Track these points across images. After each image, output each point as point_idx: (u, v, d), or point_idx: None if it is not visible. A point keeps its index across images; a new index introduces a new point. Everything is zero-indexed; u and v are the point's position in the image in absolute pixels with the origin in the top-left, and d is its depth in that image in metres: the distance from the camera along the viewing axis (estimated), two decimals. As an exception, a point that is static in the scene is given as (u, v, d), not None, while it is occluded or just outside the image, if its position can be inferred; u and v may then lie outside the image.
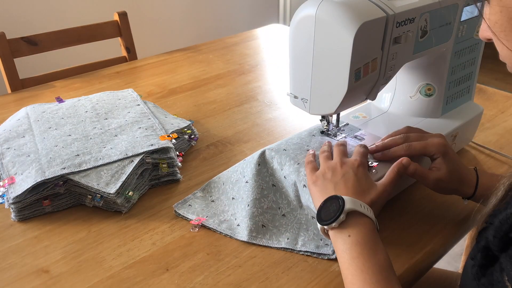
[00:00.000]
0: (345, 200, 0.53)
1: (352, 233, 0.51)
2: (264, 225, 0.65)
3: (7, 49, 1.19)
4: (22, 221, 0.69)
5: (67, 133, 0.80)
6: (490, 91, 1.08)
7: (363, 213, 0.53)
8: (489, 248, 0.41)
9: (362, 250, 0.50)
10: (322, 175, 0.60)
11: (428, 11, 0.64)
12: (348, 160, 0.61)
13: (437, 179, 0.62)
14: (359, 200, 0.54)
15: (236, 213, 0.67)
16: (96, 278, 0.58)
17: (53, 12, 2.01)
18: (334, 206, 0.53)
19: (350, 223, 0.52)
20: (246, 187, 0.68)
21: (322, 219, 0.54)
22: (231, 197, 0.70)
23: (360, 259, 0.49)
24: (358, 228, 0.52)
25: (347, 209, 0.52)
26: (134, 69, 1.27)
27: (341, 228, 0.52)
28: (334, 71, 0.60)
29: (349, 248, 0.51)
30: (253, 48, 1.43)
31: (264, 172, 0.69)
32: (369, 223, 0.53)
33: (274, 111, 1.01)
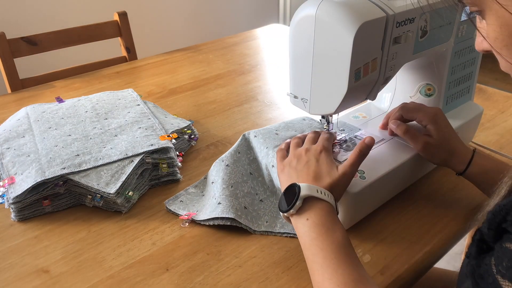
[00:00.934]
0: (301, 187, 0.55)
1: (310, 216, 0.54)
2: (245, 207, 0.67)
3: (7, 49, 1.19)
4: (22, 221, 0.69)
5: (67, 133, 0.80)
6: (490, 91, 1.08)
7: (320, 197, 0.55)
8: (484, 240, 0.42)
9: (320, 230, 0.52)
10: (289, 164, 0.62)
11: (428, 11, 0.64)
12: (312, 147, 0.63)
13: (426, 142, 0.66)
14: (316, 185, 0.56)
15: (216, 194, 0.69)
16: (96, 278, 0.58)
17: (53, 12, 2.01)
18: (291, 194, 0.56)
19: (307, 208, 0.55)
20: (227, 169, 0.71)
21: (281, 209, 0.57)
22: (211, 182, 0.72)
23: (319, 239, 0.52)
24: (315, 211, 0.54)
25: (303, 195, 0.54)
26: (134, 69, 1.27)
27: (300, 213, 0.55)
28: (334, 71, 0.60)
29: (308, 230, 0.53)
30: (253, 48, 1.43)
31: (243, 160, 0.73)
32: (326, 206, 0.55)
33: (274, 111, 1.01)
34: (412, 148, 0.71)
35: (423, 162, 0.74)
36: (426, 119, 0.67)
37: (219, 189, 0.69)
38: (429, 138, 0.67)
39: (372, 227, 0.66)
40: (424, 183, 0.75)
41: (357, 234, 0.65)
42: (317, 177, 0.58)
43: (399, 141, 0.73)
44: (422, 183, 0.75)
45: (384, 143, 0.73)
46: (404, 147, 0.72)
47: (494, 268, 0.38)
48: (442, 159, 0.68)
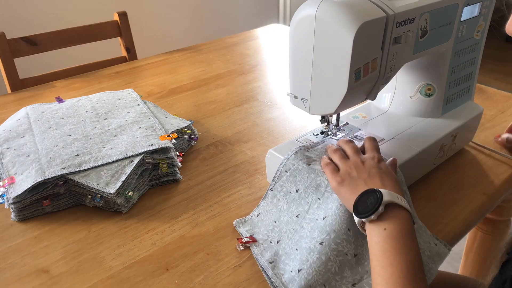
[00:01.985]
0: (383, 193, 0.52)
1: (388, 226, 0.51)
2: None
3: (7, 49, 1.19)
4: (22, 221, 0.69)
5: (67, 133, 0.80)
6: (490, 91, 1.08)
7: (401, 204, 0.52)
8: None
9: (395, 244, 0.50)
10: (348, 175, 0.58)
11: (428, 11, 0.64)
12: (366, 157, 0.61)
13: None
14: (394, 192, 0.54)
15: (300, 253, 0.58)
16: (96, 278, 0.58)
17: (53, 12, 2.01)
18: (371, 199, 0.53)
19: (387, 216, 0.52)
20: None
21: (359, 212, 0.53)
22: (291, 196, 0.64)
23: (392, 252, 0.49)
24: (394, 221, 0.51)
25: (386, 201, 0.51)
26: (134, 69, 1.27)
27: (378, 221, 0.52)
28: (334, 71, 0.60)
29: (383, 241, 0.50)
30: (253, 48, 1.43)
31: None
32: (405, 216, 0.52)
33: (274, 111, 1.01)
34: (412, 148, 0.71)
35: (423, 162, 0.74)
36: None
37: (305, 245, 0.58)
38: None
39: (372, 227, 0.66)
40: (424, 183, 0.75)
41: (357, 234, 0.65)
42: (389, 184, 0.55)
43: (399, 141, 0.73)
44: (422, 183, 0.75)
45: (384, 143, 0.73)
46: (404, 147, 0.72)
47: None
48: None
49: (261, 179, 0.77)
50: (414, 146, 0.72)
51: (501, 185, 0.75)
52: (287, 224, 0.63)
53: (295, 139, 0.74)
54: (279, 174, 0.66)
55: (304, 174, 0.64)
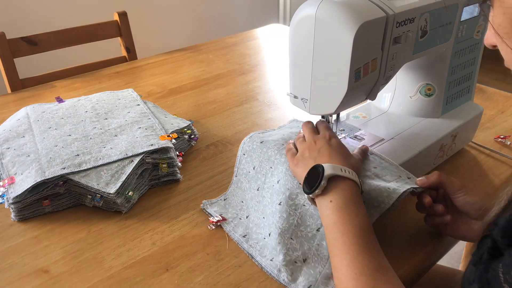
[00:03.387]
0: (324, 167, 0.54)
1: (334, 198, 0.53)
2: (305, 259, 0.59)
3: (7, 49, 1.19)
4: (22, 221, 0.69)
5: (67, 133, 0.80)
6: (490, 91, 1.08)
7: (345, 176, 0.54)
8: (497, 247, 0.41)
9: (343, 214, 0.52)
10: (302, 155, 0.61)
11: (428, 11, 0.64)
12: (319, 136, 0.63)
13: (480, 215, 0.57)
14: (339, 165, 0.56)
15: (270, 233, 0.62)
16: (96, 278, 0.58)
17: (53, 12, 2.01)
18: (315, 174, 0.55)
19: (332, 188, 0.54)
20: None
21: (306, 189, 0.56)
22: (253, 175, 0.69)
23: (341, 222, 0.51)
24: (339, 192, 0.53)
25: (328, 175, 0.53)
26: (134, 69, 1.27)
27: (324, 195, 0.54)
28: (334, 71, 0.60)
29: (331, 213, 0.53)
30: (253, 48, 1.43)
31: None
32: (350, 186, 0.54)
33: (274, 111, 1.01)
34: (412, 148, 0.71)
35: (423, 162, 0.74)
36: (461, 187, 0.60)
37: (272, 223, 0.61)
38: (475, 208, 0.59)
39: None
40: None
41: (357, 234, 0.65)
42: (337, 158, 0.57)
43: (399, 141, 0.73)
44: (422, 183, 0.75)
45: (384, 143, 0.73)
46: (404, 147, 0.72)
47: (502, 276, 0.38)
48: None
49: (261, 179, 0.77)
50: (414, 146, 0.72)
51: (501, 185, 0.75)
52: (251, 199, 0.68)
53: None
54: (239, 158, 0.72)
55: (257, 151, 0.69)
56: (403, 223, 0.67)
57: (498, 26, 0.43)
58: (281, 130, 0.75)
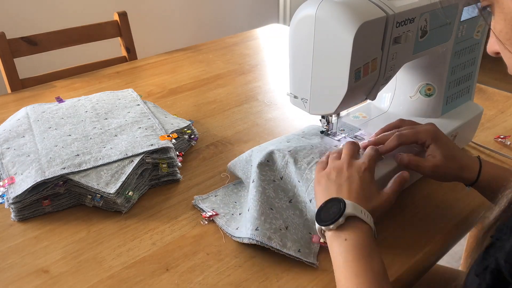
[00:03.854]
0: (346, 204, 0.52)
1: (349, 237, 0.51)
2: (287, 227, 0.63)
3: (7, 49, 1.19)
4: (22, 221, 0.69)
5: (67, 133, 0.80)
6: (490, 91, 1.08)
7: (363, 219, 0.52)
8: (500, 271, 0.40)
9: (358, 254, 0.50)
10: (327, 175, 0.59)
11: (428, 11, 0.64)
12: (355, 163, 0.59)
13: (433, 166, 0.62)
14: (360, 206, 0.53)
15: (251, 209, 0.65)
16: (96, 278, 0.58)
17: (53, 12, 2.01)
18: (334, 208, 0.53)
19: (348, 227, 0.52)
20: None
21: (321, 220, 0.54)
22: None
23: (355, 263, 0.49)
24: (355, 233, 0.51)
25: (347, 213, 0.51)
26: (134, 69, 1.27)
27: (339, 231, 0.52)
28: (334, 71, 0.60)
29: (345, 251, 0.50)
30: (253, 48, 1.43)
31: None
32: (367, 229, 0.52)
33: (274, 111, 1.01)
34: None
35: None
36: (428, 138, 0.63)
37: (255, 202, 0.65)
38: (433, 160, 0.62)
39: (372, 227, 0.66)
40: (424, 183, 0.75)
41: (357, 234, 0.65)
42: (360, 197, 0.55)
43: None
44: (422, 183, 0.75)
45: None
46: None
47: None
48: (453, 176, 0.63)
49: (261, 179, 0.77)
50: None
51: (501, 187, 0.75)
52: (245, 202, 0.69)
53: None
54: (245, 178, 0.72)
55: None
56: (403, 223, 0.67)
57: (500, 32, 0.43)
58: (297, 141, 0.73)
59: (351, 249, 0.50)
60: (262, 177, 0.67)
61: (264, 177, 0.67)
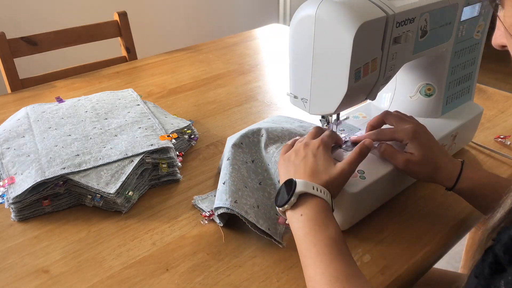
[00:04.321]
0: (297, 183, 0.55)
1: (304, 212, 0.54)
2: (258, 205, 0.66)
3: (7, 49, 1.19)
4: (22, 221, 0.69)
5: (67, 133, 0.80)
6: (490, 91, 1.08)
7: (315, 194, 0.55)
8: (499, 262, 0.40)
9: (314, 225, 0.53)
10: (288, 158, 0.62)
11: (428, 11, 0.64)
12: (311, 142, 0.63)
13: (407, 160, 0.63)
14: (313, 181, 0.56)
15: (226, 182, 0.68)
16: (96, 278, 0.58)
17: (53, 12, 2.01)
18: (288, 189, 0.56)
19: (302, 203, 0.55)
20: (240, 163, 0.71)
21: (277, 203, 0.57)
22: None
23: (312, 234, 0.52)
24: (309, 207, 0.54)
25: (298, 192, 0.55)
26: (134, 69, 1.27)
27: (294, 208, 0.55)
28: (334, 71, 0.60)
29: (302, 226, 0.54)
30: (253, 48, 1.43)
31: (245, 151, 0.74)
32: (321, 203, 0.55)
33: (274, 111, 1.01)
34: None
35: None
36: (405, 137, 0.64)
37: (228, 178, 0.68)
38: (409, 155, 0.63)
39: (371, 227, 0.66)
40: (424, 183, 0.75)
41: (356, 234, 0.65)
42: (314, 173, 0.58)
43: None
44: (422, 183, 0.75)
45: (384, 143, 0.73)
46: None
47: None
48: (426, 176, 0.64)
49: (261, 179, 0.77)
50: None
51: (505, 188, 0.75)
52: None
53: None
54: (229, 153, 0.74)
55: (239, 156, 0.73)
56: (403, 223, 0.67)
57: (510, 26, 0.42)
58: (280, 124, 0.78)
59: (307, 221, 0.53)
60: (237, 157, 0.71)
61: (238, 157, 0.71)
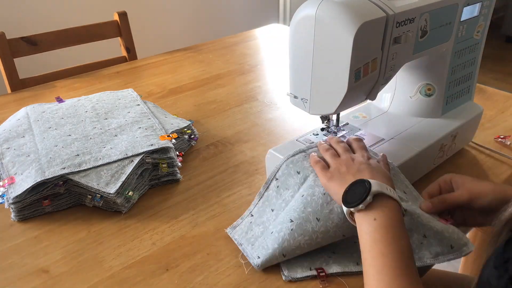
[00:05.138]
0: (372, 183, 0.52)
1: (378, 216, 0.51)
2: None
3: (7, 49, 1.19)
4: (22, 221, 0.69)
5: (67, 133, 0.80)
6: (490, 91, 1.08)
7: (390, 195, 0.52)
8: None
9: (386, 233, 0.49)
10: (338, 171, 0.58)
11: (428, 11, 0.64)
12: (356, 156, 0.61)
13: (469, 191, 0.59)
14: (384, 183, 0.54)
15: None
16: (96, 278, 0.58)
17: (53, 12, 2.01)
18: (360, 189, 0.53)
19: (376, 206, 0.51)
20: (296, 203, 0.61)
21: (348, 202, 0.53)
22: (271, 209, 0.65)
23: (383, 243, 0.49)
24: (384, 211, 0.51)
25: (374, 191, 0.51)
26: (134, 69, 1.27)
27: (367, 211, 0.52)
28: (334, 71, 0.60)
29: (373, 231, 0.50)
30: (253, 48, 1.43)
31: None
32: (395, 206, 0.52)
33: (274, 111, 1.01)
34: (412, 148, 0.71)
35: (423, 162, 0.74)
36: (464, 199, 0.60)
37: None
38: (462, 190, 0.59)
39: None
40: (424, 183, 0.75)
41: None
42: (380, 177, 0.55)
43: (399, 141, 0.73)
44: (422, 183, 0.75)
45: (384, 143, 0.73)
46: (404, 147, 0.72)
47: None
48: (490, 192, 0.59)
49: (261, 179, 0.77)
50: (414, 146, 0.72)
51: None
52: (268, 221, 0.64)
53: (295, 139, 0.74)
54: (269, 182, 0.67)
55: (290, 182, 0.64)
56: (403, 223, 0.67)
57: None
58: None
59: (380, 228, 0.50)
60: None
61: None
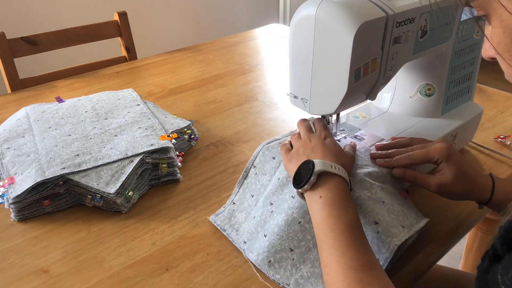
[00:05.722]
0: (315, 163, 0.55)
1: (323, 194, 0.54)
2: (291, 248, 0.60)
3: (7, 49, 1.19)
4: (22, 221, 0.69)
5: (67, 133, 0.80)
6: (490, 91, 1.08)
7: (334, 172, 0.55)
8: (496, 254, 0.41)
9: (332, 210, 0.52)
10: (296, 152, 0.62)
11: (428, 11, 0.64)
12: (315, 134, 0.64)
13: (439, 184, 0.61)
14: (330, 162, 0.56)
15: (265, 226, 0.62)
16: (96, 278, 0.58)
17: (53, 12, 2.01)
18: (306, 170, 0.55)
19: (321, 184, 0.54)
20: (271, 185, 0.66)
21: (296, 183, 0.56)
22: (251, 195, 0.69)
23: (330, 219, 0.52)
24: (329, 188, 0.54)
25: (317, 171, 0.54)
26: (134, 69, 1.27)
27: (314, 190, 0.55)
28: (334, 71, 0.60)
29: (320, 209, 0.53)
30: (253, 48, 1.43)
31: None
32: (340, 183, 0.55)
33: (274, 111, 1.01)
34: None
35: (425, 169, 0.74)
36: (440, 156, 0.62)
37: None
38: (441, 177, 0.61)
39: (372, 227, 0.66)
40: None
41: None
42: (328, 155, 0.58)
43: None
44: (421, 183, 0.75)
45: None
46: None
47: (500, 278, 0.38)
48: (462, 193, 0.62)
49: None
50: None
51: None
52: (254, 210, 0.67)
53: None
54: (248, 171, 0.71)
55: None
56: (403, 223, 0.67)
57: (498, 44, 0.42)
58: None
59: (326, 205, 0.53)
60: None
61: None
